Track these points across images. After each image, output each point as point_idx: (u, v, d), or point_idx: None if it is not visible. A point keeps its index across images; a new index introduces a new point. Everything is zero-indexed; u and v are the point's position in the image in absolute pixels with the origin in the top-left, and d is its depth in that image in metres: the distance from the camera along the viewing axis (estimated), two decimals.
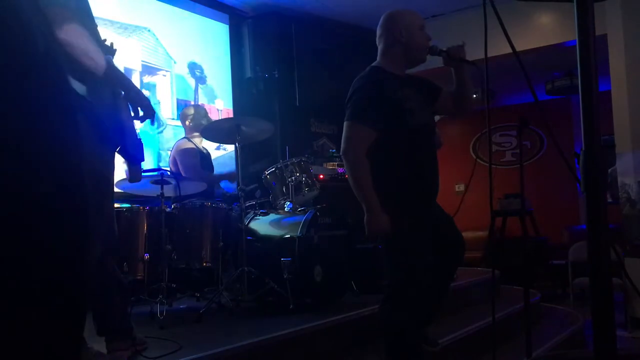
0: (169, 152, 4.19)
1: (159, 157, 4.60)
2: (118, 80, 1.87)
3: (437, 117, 4.21)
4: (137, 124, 2.09)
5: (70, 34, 1.51)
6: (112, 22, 4.31)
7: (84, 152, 1.30)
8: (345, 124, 2.27)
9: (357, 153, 2.21)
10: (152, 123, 1.97)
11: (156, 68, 4.77)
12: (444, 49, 2.36)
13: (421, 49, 2.37)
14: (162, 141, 4.69)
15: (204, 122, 4.01)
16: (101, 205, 2.01)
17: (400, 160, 2.27)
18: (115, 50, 2.07)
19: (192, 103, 4.93)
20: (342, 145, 2.26)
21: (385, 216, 2.17)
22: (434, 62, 2.47)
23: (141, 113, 1.94)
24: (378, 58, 2.42)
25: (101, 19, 3.84)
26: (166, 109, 4.80)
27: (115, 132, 1.84)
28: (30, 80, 1.21)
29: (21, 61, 1.22)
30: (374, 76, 2.33)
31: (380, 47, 2.41)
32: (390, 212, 2.19)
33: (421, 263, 2.22)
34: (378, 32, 2.42)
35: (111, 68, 1.85)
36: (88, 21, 1.69)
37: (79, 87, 1.53)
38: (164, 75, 4.85)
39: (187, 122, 4.12)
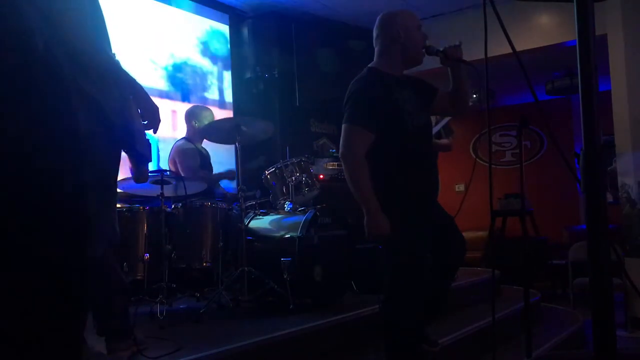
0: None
1: (158, 159, 4.60)
2: (126, 81, 1.85)
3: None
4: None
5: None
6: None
7: (83, 150, 1.30)
8: (343, 126, 2.27)
9: (356, 155, 2.21)
10: (155, 131, 1.94)
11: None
12: (441, 49, 2.35)
13: (419, 49, 2.37)
14: (160, 142, 4.69)
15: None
16: (104, 204, 2.00)
17: (398, 162, 2.27)
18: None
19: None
20: (341, 148, 2.26)
21: (385, 217, 2.17)
22: (431, 62, 2.47)
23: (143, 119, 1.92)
24: (375, 59, 2.42)
25: None
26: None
27: (123, 131, 1.83)
28: (28, 80, 1.21)
29: (19, 61, 1.21)
30: (372, 78, 2.33)
31: (377, 48, 2.41)
32: (390, 213, 2.19)
33: (421, 263, 2.22)
34: (375, 32, 2.42)
35: (117, 66, 1.83)
36: (97, 21, 1.68)
37: (86, 85, 1.52)
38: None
39: (194, 123, 4.02)
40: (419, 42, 2.36)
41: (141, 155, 1.90)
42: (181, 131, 4.59)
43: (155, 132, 1.94)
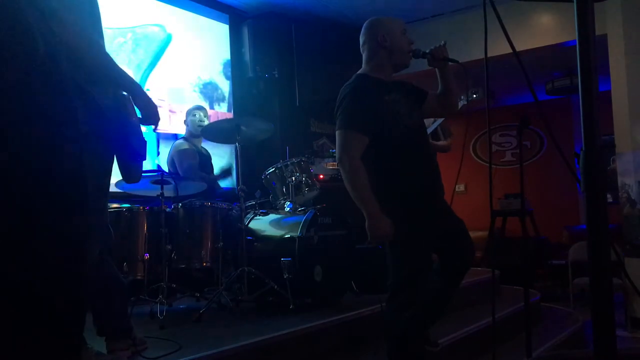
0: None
1: (157, 154, 4.60)
2: (121, 80, 1.84)
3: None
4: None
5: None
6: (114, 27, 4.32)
7: (84, 151, 1.30)
8: (337, 133, 2.28)
9: (353, 159, 2.22)
10: (155, 129, 1.94)
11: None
12: (427, 51, 2.38)
13: (405, 53, 2.40)
14: (160, 142, 4.68)
15: (204, 124, 3.99)
16: (100, 203, 2.00)
17: (393, 163, 2.28)
18: None
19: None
20: (337, 154, 2.27)
21: (386, 219, 2.17)
22: (419, 65, 2.50)
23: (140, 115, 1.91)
24: (363, 65, 2.45)
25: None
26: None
27: (119, 127, 1.83)
28: (31, 81, 1.21)
29: (22, 62, 1.21)
30: (360, 83, 2.35)
31: (364, 55, 2.44)
32: (391, 215, 2.19)
33: (423, 264, 2.22)
34: (361, 40, 2.45)
35: (111, 62, 1.83)
36: (93, 17, 1.68)
37: (84, 82, 1.52)
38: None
39: (194, 122, 4.02)
40: (405, 47, 2.40)
41: (136, 152, 1.90)
42: (180, 130, 4.59)
43: (155, 127, 1.93)
